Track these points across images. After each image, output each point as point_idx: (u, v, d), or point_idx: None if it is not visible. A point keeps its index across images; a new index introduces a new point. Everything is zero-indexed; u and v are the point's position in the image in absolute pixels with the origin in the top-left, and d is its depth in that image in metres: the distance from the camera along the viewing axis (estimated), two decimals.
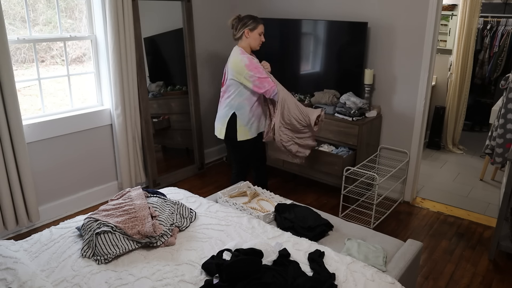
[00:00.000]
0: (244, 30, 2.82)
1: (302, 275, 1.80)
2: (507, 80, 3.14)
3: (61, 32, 3.21)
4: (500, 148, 3.22)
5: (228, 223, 2.28)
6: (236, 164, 3.11)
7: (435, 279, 2.65)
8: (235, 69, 2.78)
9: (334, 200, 3.68)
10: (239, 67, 2.77)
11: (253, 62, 2.78)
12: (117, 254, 1.95)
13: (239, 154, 3.06)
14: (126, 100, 3.45)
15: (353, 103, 3.43)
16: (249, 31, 2.83)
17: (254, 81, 2.76)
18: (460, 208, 3.57)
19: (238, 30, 2.84)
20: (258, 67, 2.78)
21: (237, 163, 3.10)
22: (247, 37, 2.84)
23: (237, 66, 2.78)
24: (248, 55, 2.81)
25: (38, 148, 3.12)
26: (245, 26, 2.82)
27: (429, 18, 3.24)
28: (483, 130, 5.73)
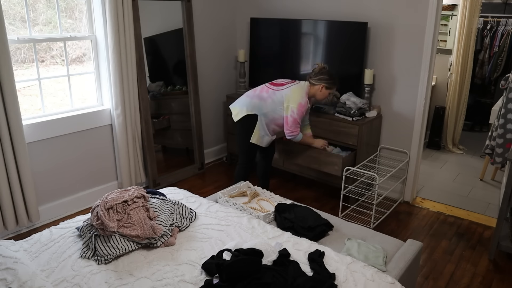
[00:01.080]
0: (322, 84, 3.09)
1: (302, 275, 1.80)
2: (507, 80, 3.14)
3: (61, 32, 3.21)
4: (500, 148, 3.22)
5: (228, 223, 2.28)
6: (240, 155, 3.24)
7: (435, 279, 2.65)
8: (290, 96, 3.04)
9: (334, 200, 3.68)
10: (294, 98, 3.03)
11: (304, 108, 3.06)
12: (117, 254, 1.95)
13: (242, 149, 3.22)
14: (126, 100, 3.45)
15: (353, 103, 3.43)
16: (325, 88, 3.10)
17: (291, 116, 3.03)
18: (460, 208, 3.57)
19: (318, 79, 3.08)
20: (302, 114, 3.07)
21: (240, 154, 3.24)
22: (320, 91, 3.11)
23: (293, 97, 3.03)
24: (307, 99, 3.08)
25: (38, 148, 3.12)
26: (325, 82, 3.08)
27: (429, 18, 3.24)
28: (483, 130, 5.73)
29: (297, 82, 3.15)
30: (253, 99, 3.11)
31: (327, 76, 3.08)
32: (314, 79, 3.10)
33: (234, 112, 3.16)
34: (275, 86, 3.14)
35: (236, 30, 4.54)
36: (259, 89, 3.16)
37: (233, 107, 3.20)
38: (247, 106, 3.10)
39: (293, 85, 3.10)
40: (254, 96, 3.12)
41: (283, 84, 3.13)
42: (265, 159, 3.43)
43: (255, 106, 3.09)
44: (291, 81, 3.18)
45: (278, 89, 3.10)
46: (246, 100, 3.13)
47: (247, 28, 4.42)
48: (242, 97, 3.19)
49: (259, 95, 3.11)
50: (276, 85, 3.15)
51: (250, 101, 3.11)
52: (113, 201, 2.08)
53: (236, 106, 3.17)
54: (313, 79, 3.10)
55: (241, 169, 3.26)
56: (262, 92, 3.12)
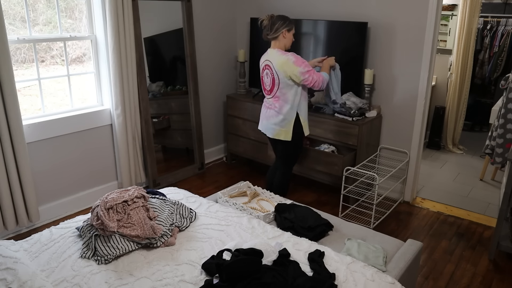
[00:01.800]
0: (283, 30, 2.83)
1: (302, 275, 1.80)
2: (507, 80, 3.14)
3: (61, 32, 3.21)
4: (500, 148, 3.22)
5: (228, 223, 2.28)
6: (290, 163, 3.12)
7: (435, 279, 2.65)
8: (286, 69, 2.79)
9: (334, 200, 3.68)
10: (288, 65, 2.77)
11: (298, 57, 2.80)
12: (117, 254, 1.95)
13: (298, 150, 3.09)
14: (126, 100, 3.45)
15: (353, 103, 3.43)
16: (287, 31, 2.85)
17: (304, 76, 2.78)
18: (460, 208, 3.57)
19: (276, 30, 2.83)
20: (304, 61, 2.80)
21: (290, 162, 3.13)
22: (285, 37, 2.85)
23: (286, 66, 2.78)
24: (291, 53, 2.82)
25: (38, 148, 3.12)
26: (284, 27, 2.83)
27: (429, 18, 3.24)
28: (483, 130, 5.73)
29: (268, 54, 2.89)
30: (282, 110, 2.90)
31: (279, 21, 2.81)
32: (272, 33, 2.83)
33: (283, 135, 2.95)
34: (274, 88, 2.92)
35: (236, 30, 4.54)
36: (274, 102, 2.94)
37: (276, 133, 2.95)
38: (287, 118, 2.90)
39: (274, 66, 2.83)
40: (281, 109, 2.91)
41: (273, 79, 2.90)
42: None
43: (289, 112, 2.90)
44: (266, 67, 2.92)
45: (276, 83, 2.89)
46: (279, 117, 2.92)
47: (247, 28, 4.42)
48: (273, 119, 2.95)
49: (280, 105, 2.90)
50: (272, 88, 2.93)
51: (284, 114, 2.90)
52: (113, 201, 2.09)
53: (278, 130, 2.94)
54: (271, 34, 2.84)
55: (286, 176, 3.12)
56: (279, 101, 2.91)
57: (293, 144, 3.02)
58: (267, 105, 3.05)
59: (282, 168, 3.15)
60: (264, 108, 3.10)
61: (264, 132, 3.09)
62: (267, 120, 3.03)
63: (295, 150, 3.09)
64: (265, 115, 3.06)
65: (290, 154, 3.10)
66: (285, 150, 3.08)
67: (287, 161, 3.13)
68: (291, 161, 3.14)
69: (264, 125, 3.07)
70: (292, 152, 3.10)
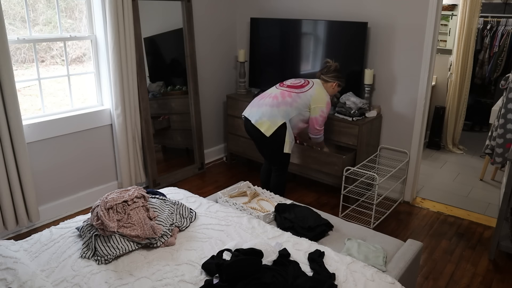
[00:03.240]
0: (336, 82, 3.12)
1: (302, 275, 1.80)
2: (507, 80, 3.14)
3: (61, 32, 3.21)
4: (500, 148, 3.22)
5: (228, 223, 2.28)
6: (282, 165, 3.13)
7: (435, 279, 2.65)
8: (316, 97, 3.02)
9: (334, 200, 3.68)
10: (321, 99, 3.03)
11: (330, 106, 3.10)
12: (117, 254, 1.95)
13: (284, 162, 3.12)
14: (126, 100, 3.45)
15: (353, 103, 3.43)
16: (338, 85, 3.14)
17: (319, 117, 3.04)
18: (460, 208, 3.57)
19: (332, 77, 3.10)
20: (328, 111, 3.10)
21: (282, 165, 3.13)
22: (333, 88, 3.13)
23: (320, 97, 3.03)
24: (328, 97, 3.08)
25: (38, 148, 3.12)
26: (338, 80, 3.12)
27: (429, 18, 3.24)
28: (483, 130, 5.73)
29: (314, 81, 3.10)
30: (280, 107, 2.94)
31: (340, 74, 3.11)
32: (329, 76, 3.08)
33: (264, 127, 2.93)
34: (295, 89, 3.00)
35: (236, 30, 4.54)
36: (279, 95, 2.99)
37: (260, 121, 2.95)
38: (278, 116, 2.93)
39: (315, 85, 3.06)
40: (280, 104, 2.95)
41: (303, 86, 3.02)
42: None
43: (283, 113, 2.94)
44: (305, 80, 3.09)
45: (301, 91, 3.00)
46: (272, 110, 2.94)
47: (247, 28, 4.42)
48: (264, 108, 2.97)
49: (283, 101, 2.95)
50: (295, 87, 3.02)
51: (278, 110, 2.93)
52: (113, 201, 2.08)
53: (264, 120, 2.94)
54: (327, 76, 3.09)
55: (282, 177, 3.15)
56: (285, 98, 2.96)
57: (274, 147, 3.01)
58: (266, 95, 3.06)
59: (276, 171, 3.15)
60: (258, 98, 3.09)
61: (249, 117, 3.03)
62: (259, 108, 3.01)
63: (281, 160, 3.08)
64: (258, 102, 3.05)
65: (278, 161, 3.10)
66: (272, 156, 3.09)
67: (279, 165, 3.12)
68: (283, 165, 3.12)
69: (254, 111, 3.03)
70: (279, 161, 3.09)
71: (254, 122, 2.98)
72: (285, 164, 3.13)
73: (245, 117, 3.10)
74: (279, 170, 3.14)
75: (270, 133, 2.94)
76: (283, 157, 3.06)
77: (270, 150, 3.07)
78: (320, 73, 3.14)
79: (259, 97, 3.11)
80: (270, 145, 3.02)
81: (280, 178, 3.15)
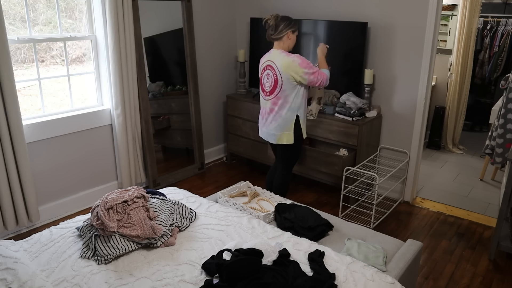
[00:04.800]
0: (288, 31, 2.81)
1: (302, 275, 1.80)
2: (507, 80, 3.14)
3: (61, 32, 3.21)
4: (500, 148, 3.22)
5: (228, 223, 2.28)
6: (290, 165, 3.10)
7: (435, 279, 2.65)
8: (291, 70, 2.76)
9: (334, 200, 3.68)
10: (293, 67, 2.75)
11: (303, 58, 2.78)
12: (117, 254, 1.95)
13: (298, 152, 3.06)
14: (126, 100, 3.45)
15: (353, 103, 3.43)
16: (291, 32, 2.83)
17: (309, 77, 2.77)
18: (460, 208, 3.57)
19: (281, 31, 2.80)
20: (308, 62, 2.79)
21: (290, 164, 3.11)
22: (289, 39, 2.84)
23: (291, 67, 2.76)
24: (295, 55, 2.80)
25: (38, 148, 3.12)
26: (289, 28, 2.81)
27: (429, 18, 3.24)
28: (483, 130, 5.73)
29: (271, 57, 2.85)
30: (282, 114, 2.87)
31: (284, 22, 2.80)
32: (276, 33, 2.80)
33: (285, 139, 2.91)
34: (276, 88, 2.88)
35: (236, 30, 4.54)
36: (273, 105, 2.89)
37: (279, 138, 2.92)
38: (287, 121, 2.88)
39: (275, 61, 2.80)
40: (279, 111, 2.88)
41: (276, 80, 2.84)
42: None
43: (290, 114, 2.87)
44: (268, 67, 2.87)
45: (279, 86, 2.84)
46: (279, 122, 2.89)
47: (247, 28, 4.42)
48: (272, 125, 2.92)
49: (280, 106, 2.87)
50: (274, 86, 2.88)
51: (284, 117, 2.88)
52: (113, 201, 2.08)
53: (279, 134, 2.91)
54: (276, 34, 2.80)
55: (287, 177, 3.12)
56: (278, 103, 2.87)
57: (294, 147, 3.00)
58: (264, 111, 3.00)
59: (282, 170, 3.14)
60: (260, 116, 3.06)
61: (266, 139, 3.05)
62: (267, 128, 2.99)
63: (295, 152, 3.08)
64: (263, 123, 3.02)
65: (290, 156, 3.09)
66: (286, 153, 3.06)
67: (288, 163, 3.12)
68: (291, 163, 3.13)
69: (265, 132, 3.03)
70: (292, 155, 3.08)
71: (275, 142, 2.97)
72: (292, 161, 3.11)
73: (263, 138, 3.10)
74: (285, 170, 3.13)
75: (293, 139, 2.92)
76: (296, 150, 3.01)
77: (291, 153, 3.03)
78: (269, 35, 2.84)
79: (261, 116, 3.05)
80: (293, 146, 2.98)
81: (285, 178, 3.14)
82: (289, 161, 3.10)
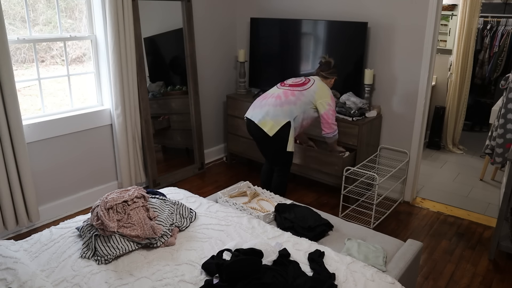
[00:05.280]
0: (335, 77, 3.16)
1: (302, 275, 1.80)
2: (507, 80, 3.14)
3: (61, 32, 3.21)
4: (500, 148, 3.22)
5: (228, 223, 2.28)
6: (284, 165, 3.13)
7: (435, 279, 2.65)
8: (320, 92, 3.01)
9: (334, 200, 3.68)
10: (324, 93, 3.01)
11: (334, 99, 3.08)
12: (117, 255, 1.95)
13: (287, 161, 3.11)
14: (126, 100, 3.45)
15: (353, 103, 3.43)
16: (334, 80, 3.18)
17: (329, 110, 3.01)
18: (460, 208, 3.57)
19: (331, 73, 3.13)
20: (334, 109, 3.07)
21: (284, 165, 3.13)
22: (331, 83, 3.15)
23: (323, 92, 3.01)
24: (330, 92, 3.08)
25: (38, 148, 3.12)
26: (336, 75, 3.16)
27: (429, 18, 3.24)
28: (483, 130, 5.73)
29: (314, 78, 3.10)
30: (283, 106, 2.94)
31: (335, 69, 3.13)
32: (328, 72, 3.10)
33: (268, 127, 2.93)
34: (298, 87, 3.00)
35: (236, 30, 4.54)
36: (282, 94, 2.98)
37: (263, 121, 2.95)
38: (281, 115, 2.93)
39: (316, 81, 3.05)
40: (283, 103, 2.94)
41: (304, 83, 3.03)
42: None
43: (287, 112, 2.93)
44: (306, 78, 3.09)
45: (303, 88, 2.99)
46: (276, 109, 2.94)
47: (247, 28, 4.42)
48: (267, 108, 2.97)
49: (287, 100, 2.94)
50: (297, 85, 3.02)
51: (282, 109, 2.93)
52: (113, 201, 2.09)
53: (267, 119, 2.94)
54: (327, 73, 3.10)
55: (283, 178, 3.15)
56: (288, 97, 2.95)
57: (277, 147, 3.01)
58: (268, 95, 3.05)
59: (278, 172, 3.15)
60: (260, 99, 3.09)
61: (252, 118, 3.03)
62: (261, 108, 3.01)
63: (285, 159, 3.08)
64: (261, 103, 3.04)
65: (281, 161, 3.10)
66: (275, 155, 3.09)
67: (281, 166, 3.13)
68: (284, 164, 3.12)
69: (256, 112, 3.02)
70: (282, 161, 3.09)
71: (257, 122, 2.97)
72: (288, 164, 3.12)
73: (247, 118, 3.09)
74: (281, 171, 3.14)
75: (273, 133, 2.93)
76: (285, 156, 3.05)
77: (273, 150, 3.06)
78: (320, 69, 3.13)
79: (261, 98, 3.09)
80: (272, 144, 3.01)
81: (282, 178, 3.15)
82: (282, 163, 3.11)
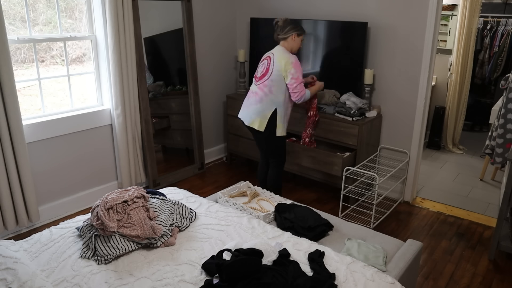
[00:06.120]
0: (293, 33, 3.03)
1: (302, 275, 1.80)
2: (507, 80, 3.14)
3: (61, 32, 3.21)
4: (500, 148, 3.22)
5: (228, 223, 2.28)
6: (278, 158, 3.19)
7: (435, 279, 2.65)
8: (281, 64, 2.95)
9: (334, 200, 3.68)
10: (285, 62, 2.95)
11: (298, 62, 2.98)
12: (117, 255, 1.95)
13: (279, 147, 3.16)
14: (126, 100, 3.45)
15: (353, 103, 3.43)
16: (296, 35, 3.05)
17: (292, 78, 2.94)
18: (460, 208, 3.57)
19: (287, 31, 3.02)
20: (300, 70, 2.98)
21: (277, 158, 3.19)
22: (293, 40, 3.04)
23: (283, 61, 2.95)
24: (294, 56, 3.00)
25: (38, 148, 3.12)
26: (295, 30, 3.03)
27: (429, 18, 3.24)
28: (483, 130, 5.73)
29: (274, 51, 3.03)
30: (263, 101, 3.00)
31: (292, 25, 3.02)
32: (283, 34, 3.02)
33: (257, 125, 3.03)
34: (265, 76, 3.03)
35: (236, 30, 4.54)
36: (258, 90, 3.04)
37: (252, 121, 3.06)
38: (265, 109, 3.00)
39: (275, 54, 2.99)
40: (262, 98, 3.00)
41: (268, 68, 3.02)
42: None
43: (269, 104, 2.99)
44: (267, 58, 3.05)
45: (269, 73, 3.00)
46: (257, 106, 3.02)
47: (247, 28, 4.42)
48: (252, 107, 3.06)
49: (264, 93, 3.00)
50: (264, 74, 3.04)
51: (262, 105, 3.00)
52: (113, 201, 2.09)
53: (254, 118, 3.04)
54: (282, 35, 3.03)
55: (277, 169, 3.20)
56: (263, 90, 3.00)
57: (272, 140, 3.09)
58: (250, 94, 3.13)
59: (272, 164, 3.22)
60: (246, 98, 3.18)
61: (242, 119, 3.17)
62: (247, 108, 3.12)
63: (276, 146, 3.14)
64: (246, 103, 3.15)
65: (273, 149, 3.16)
66: (268, 145, 3.16)
67: (274, 157, 3.19)
68: (277, 158, 3.18)
69: (244, 112, 3.15)
70: (274, 148, 3.15)
71: (248, 123, 3.11)
72: (281, 152, 3.17)
73: (240, 118, 3.22)
74: (275, 162, 3.20)
75: (264, 127, 3.03)
76: (277, 143, 3.11)
77: (265, 140, 3.15)
78: (276, 34, 3.06)
79: (246, 97, 3.19)
80: (265, 136, 3.10)
81: (277, 171, 3.21)
82: (274, 155, 3.17)
